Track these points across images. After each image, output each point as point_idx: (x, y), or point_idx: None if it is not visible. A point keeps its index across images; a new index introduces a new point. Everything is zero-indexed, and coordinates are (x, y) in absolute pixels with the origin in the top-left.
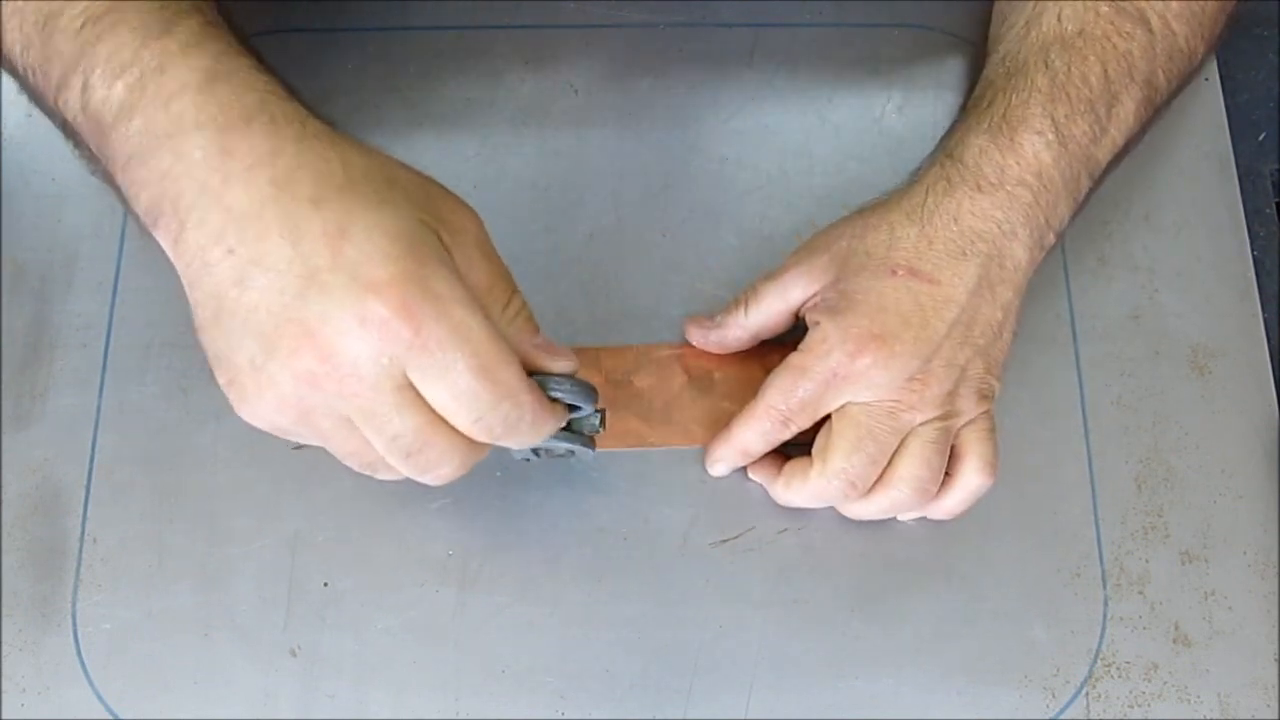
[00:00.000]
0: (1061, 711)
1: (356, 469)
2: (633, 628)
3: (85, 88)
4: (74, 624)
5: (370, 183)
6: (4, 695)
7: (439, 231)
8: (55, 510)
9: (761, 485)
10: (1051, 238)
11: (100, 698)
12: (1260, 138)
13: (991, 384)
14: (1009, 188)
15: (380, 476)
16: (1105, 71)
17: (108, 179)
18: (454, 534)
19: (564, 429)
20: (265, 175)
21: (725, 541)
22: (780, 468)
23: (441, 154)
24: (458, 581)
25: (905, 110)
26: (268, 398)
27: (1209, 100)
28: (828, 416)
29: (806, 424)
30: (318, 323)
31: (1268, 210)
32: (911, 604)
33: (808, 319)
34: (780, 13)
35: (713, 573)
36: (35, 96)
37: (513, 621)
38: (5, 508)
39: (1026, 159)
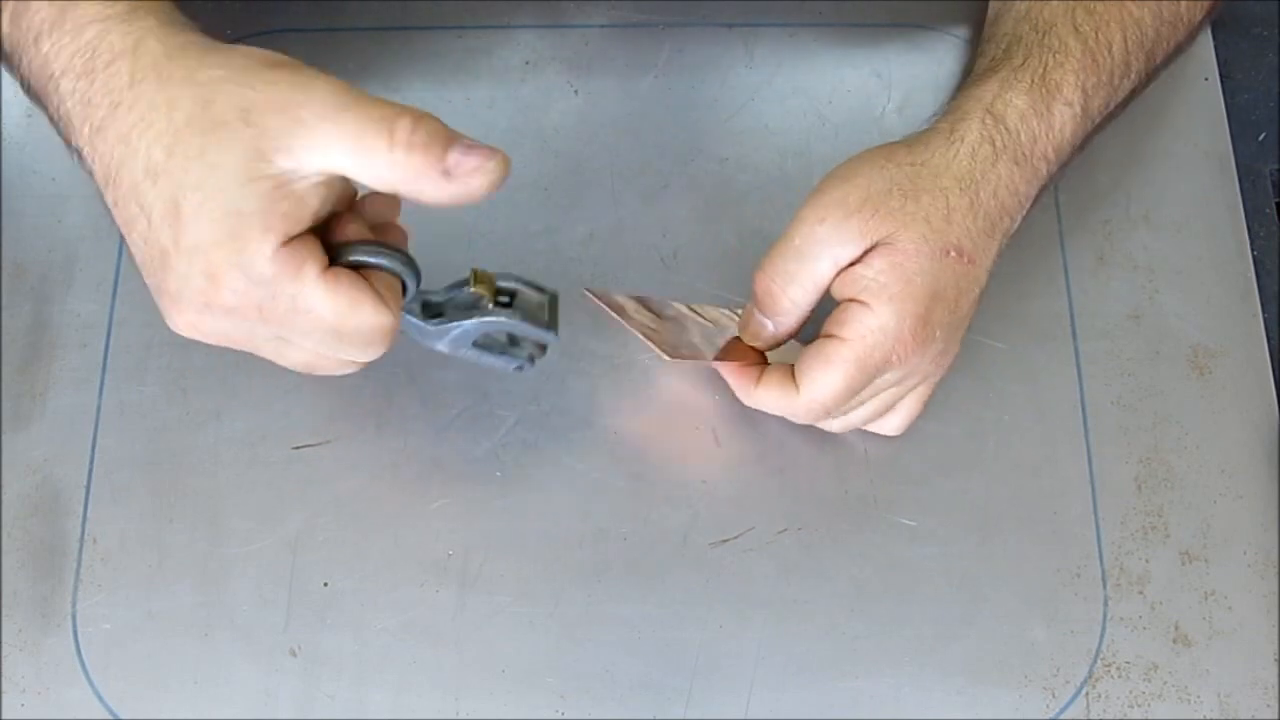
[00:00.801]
0: (1061, 711)
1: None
2: (633, 628)
3: (37, 42)
4: (74, 624)
5: (195, 133)
6: (4, 695)
7: (265, 152)
8: (55, 510)
9: (759, 478)
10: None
11: (100, 698)
12: (1260, 138)
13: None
14: (1035, 161)
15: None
16: (1125, 40)
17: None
18: (454, 534)
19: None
20: (113, 133)
21: (725, 541)
22: (757, 375)
23: None
24: (458, 581)
25: (905, 110)
26: (202, 332)
27: (1209, 100)
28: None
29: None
30: (180, 299)
31: (1268, 210)
32: (911, 604)
33: (851, 291)
34: (780, 13)
35: (713, 573)
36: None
37: (513, 621)
38: (5, 508)
39: (1054, 132)
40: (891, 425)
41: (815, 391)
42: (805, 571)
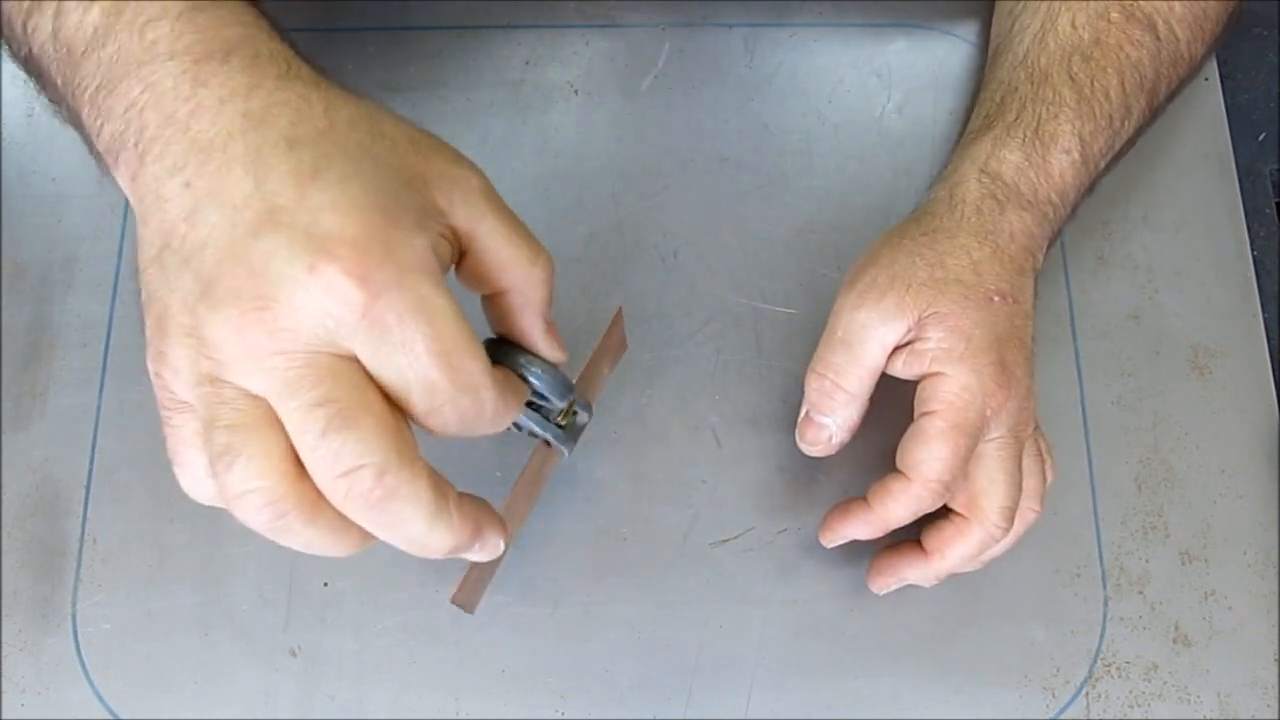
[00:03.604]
0: (1061, 711)
1: (210, 495)
2: (633, 628)
3: (58, 13)
4: (74, 624)
5: (354, 131)
6: (4, 695)
7: (432, 191)
8: (55, 510)
9: (759, 478)
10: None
11: (100, 698)
12: (1260, 138)
13: None
14: (1041, 205)
15: (237, 509)
16: (1122, 84)
17: (73, 117)
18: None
19: (550, 418)
20: (238, 108)
21: (725, 541)
22: (912, 551)
23: None
24: (458, 581)
25: (905, 110)
26: (186, 345)
27: (1209, 100)
28: None
29: (959, 486)
30: (263, 263)
31: (1268, 210)
32: (911, 604)
33: (920, 367)
34: (780, 12)
35: (713, 573)
36: (3, 24)
37: (513, 621)
38: (5, 508)
39: (1054, 179)
40: (1033, 501)
41: (927, 470)
42: (805, 571)
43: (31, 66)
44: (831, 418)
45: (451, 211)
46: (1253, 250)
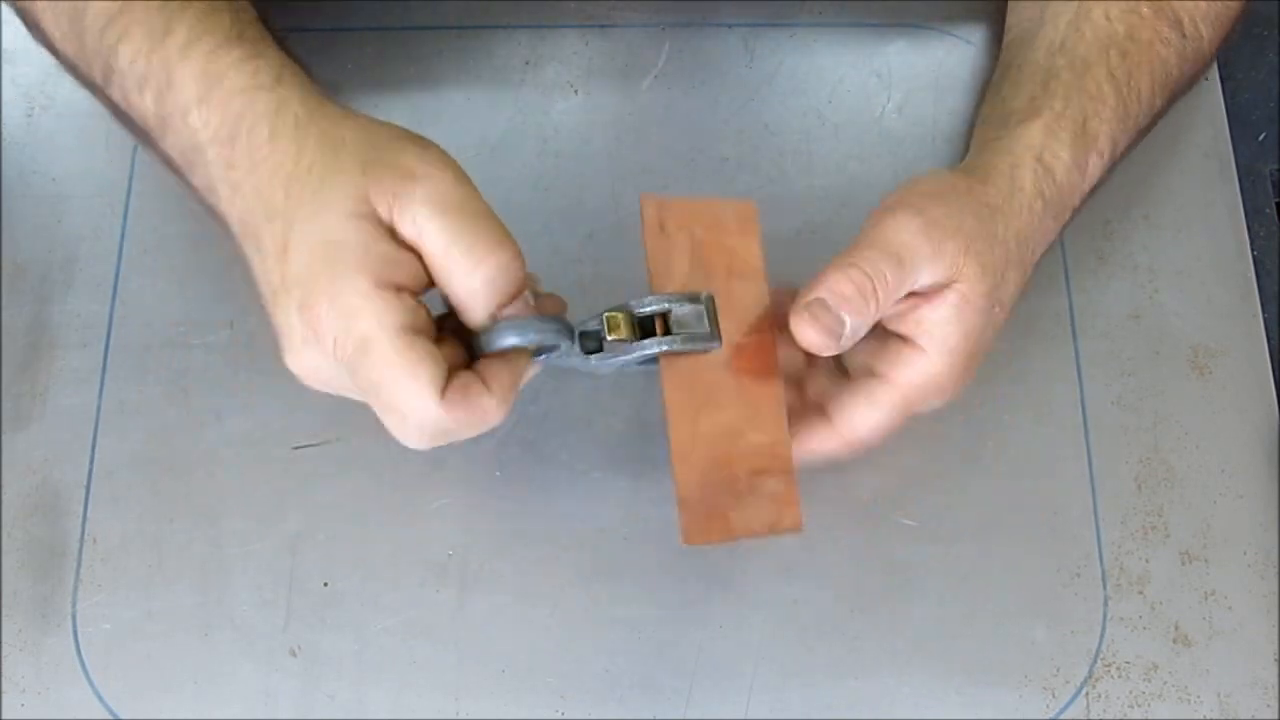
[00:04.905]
0: (1061, 711)
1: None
2: (633, 628)
3: (124, 93)
4: (74, 624)
5: (314, 176)
6: (4, 695)
7: (383, 206)
8: (55, 510)
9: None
10: None
11: (100, 698)
12: (1260, 138)
13: None
14: (1065, 212)
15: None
16: (1153, 83)
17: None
18: (454, 534)
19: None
20: (250, 186)
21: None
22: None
23: None
24: (458, 581)
25: (905, 110)
26: (308, 373)
27: (1209, 100)
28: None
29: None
30: (285, 336)
31: (1268, 210)
32: (911, 604)
33: (908, 329)
34: (780, 12)
35: (713, 573)
36: (87, 86)
37: (513, 621)
38: (5, 508)
39: (1086, 180)
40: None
41: (859, 430)
42: (805, 571)
43: (121, 117)
44: (855, 320)
45: (396, 227)
46: (1253, 250)
